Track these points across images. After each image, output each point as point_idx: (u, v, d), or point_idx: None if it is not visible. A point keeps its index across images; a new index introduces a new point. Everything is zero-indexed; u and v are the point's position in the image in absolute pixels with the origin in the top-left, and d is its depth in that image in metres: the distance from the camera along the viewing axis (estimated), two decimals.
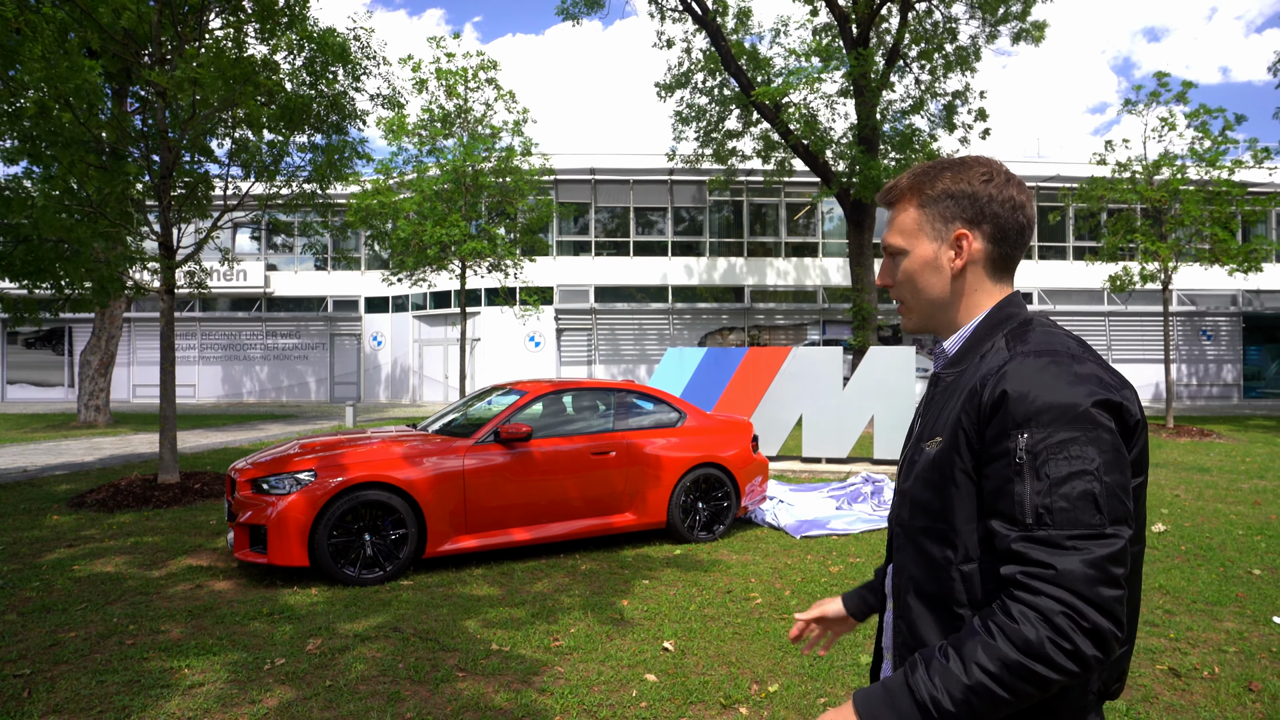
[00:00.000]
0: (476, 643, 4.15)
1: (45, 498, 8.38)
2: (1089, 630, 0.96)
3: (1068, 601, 0.97)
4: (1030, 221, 1.27)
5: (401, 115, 16.88)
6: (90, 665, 3.82)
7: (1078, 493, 1.00)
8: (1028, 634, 0.97)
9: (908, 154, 15.65)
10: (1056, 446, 1.03)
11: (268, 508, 5.16)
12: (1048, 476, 1.02)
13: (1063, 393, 1.05)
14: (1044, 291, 24.07)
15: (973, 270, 1.26)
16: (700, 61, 17.64)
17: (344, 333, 27.95)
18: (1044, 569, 0.99)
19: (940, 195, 1.27)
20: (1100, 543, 0.99)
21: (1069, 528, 1.00)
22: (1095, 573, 0.97)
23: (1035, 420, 1.05)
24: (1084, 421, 1.03)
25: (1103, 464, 1.02)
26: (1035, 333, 1.18)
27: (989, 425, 1.10)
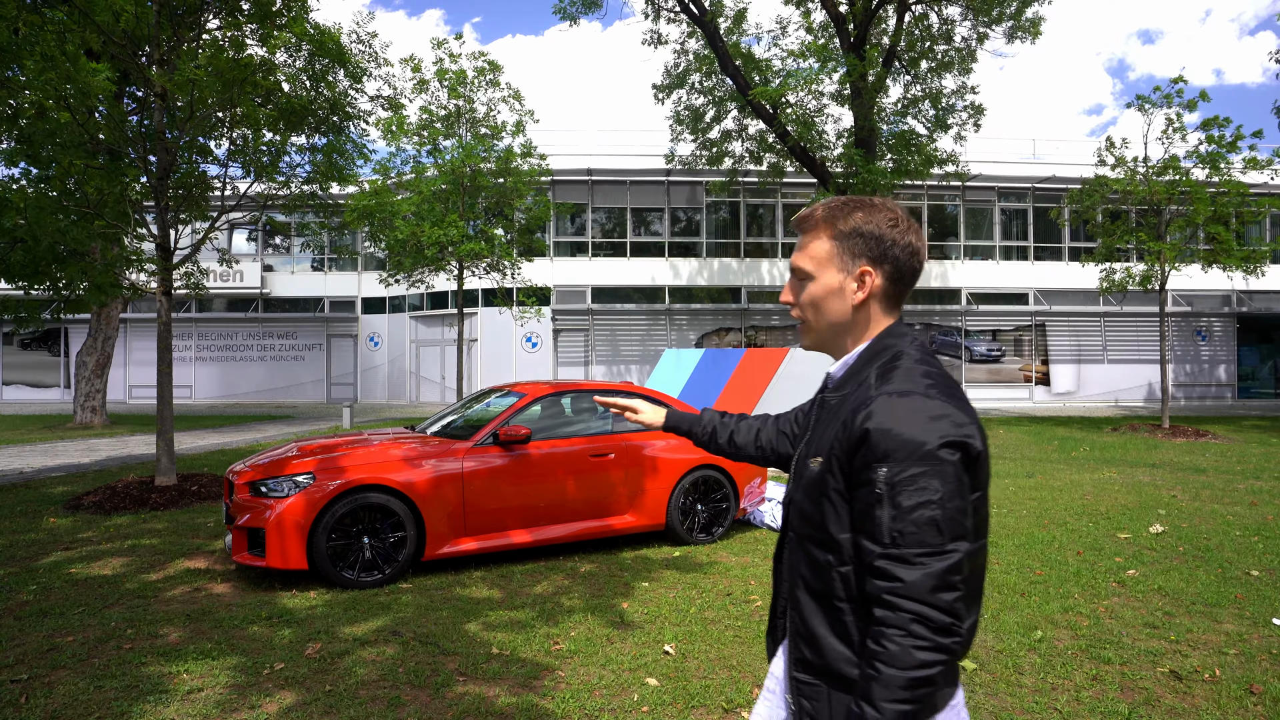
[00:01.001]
0: (477, 646, 4.14)
1: (41, 500, 8.35)
2: (937, 628, 1.19)
3: (916, 610, 1.19)
4: (922, 265, 1.46)
5: (401, 116, 16.87)
6: (88, 670, 3.81)
7: (924, 519, 1.21)
8: (898, 653, 1.20)
9: (905, 155, 15.67)
10: (908, 480, 1.23)
11: (266, 510, 5.15)
12: (900, 505, 1.22)
13: (916, 432, 1.24)
14: (1040, 292, 24.13)
15: (872, 303, 1.44)
16: (696, 62, 17.64)
17: (341, 333, 27.91)
18: (897, 583, 1.21)
19: (851, 232, 1.43)
20: (940, 558, 1.21)
21: (916, 547, 1.21)
22: (935, 582, 1.20)
23: (892, 456, 1.24)
24: (931, 458, 1.23)
25: (945, 494, 1.22)
26: (899, 371, 1.35)
27: (856, 456, 1.29)
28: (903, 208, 1.46)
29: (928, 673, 1.19)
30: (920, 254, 1.44)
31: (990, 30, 17.08)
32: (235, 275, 26.39)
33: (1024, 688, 3.67)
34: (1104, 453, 12.75)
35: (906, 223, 1.43)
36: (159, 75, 7.55)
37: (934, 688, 1.21)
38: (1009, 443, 14.27)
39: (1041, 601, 4.93)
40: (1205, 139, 15.15)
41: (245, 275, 26.53)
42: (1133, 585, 5.29)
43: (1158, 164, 15.61)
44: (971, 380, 24.15)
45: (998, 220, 24.59)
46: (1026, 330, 24.31)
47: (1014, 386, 24.26)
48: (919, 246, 1.43)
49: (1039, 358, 24.33)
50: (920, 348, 1.42)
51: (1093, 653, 4.06)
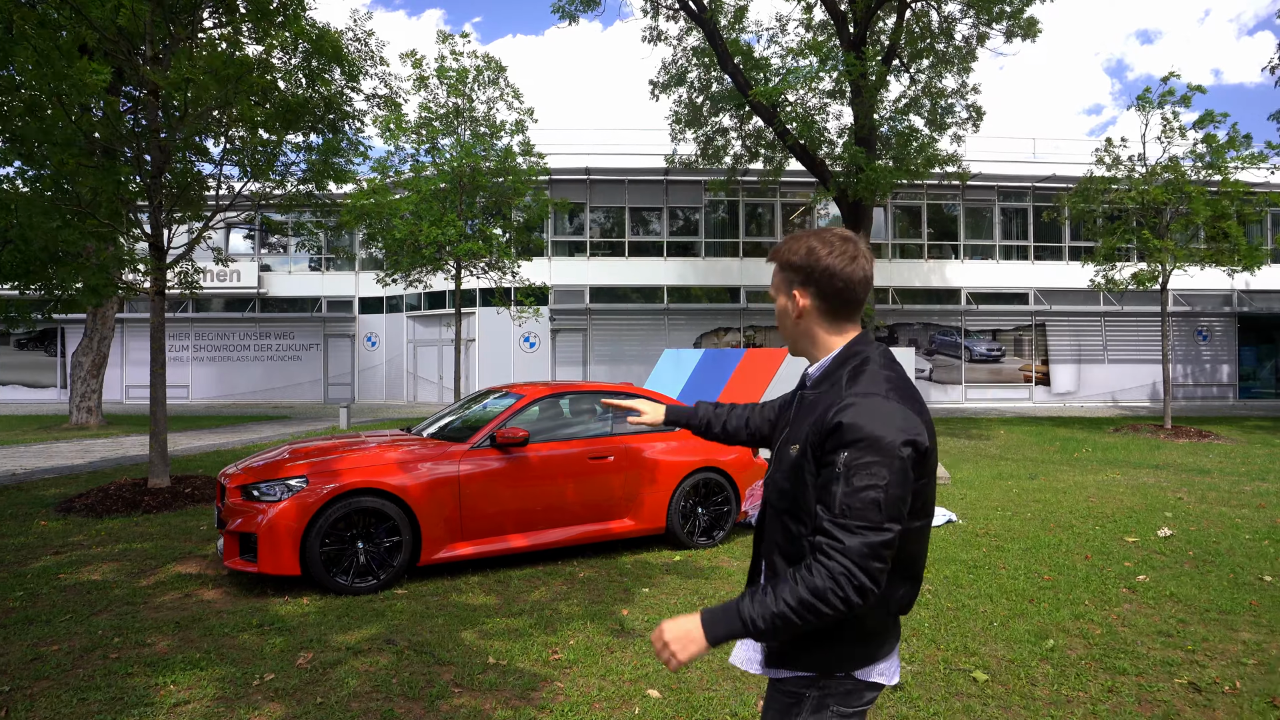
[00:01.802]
0: (473, 655, 4.03)
1: (33, 502, 8.22)
2: (856, 588, 1.44)
3: (847, 567, 1.44)
4: (850, 282, 1.67)
5: (399, 115, 16.73)
6: (72, 681, 3.69)
7: (869, 499, 1.46)
8: (817, 583, 1.45)
9: (905, 153, 15.56)
10: (863, 465, 1.48)
11: (258, 515, 5.03)
12: (851, 484, 1.48)
13: (876, 428, 1.50)
14: (1040, 292, 24.03)
15: (807, 318, 1.72)
16: (694, 59, 17.52)
17: (338, 333, 27.76)
18: (837, 543, 1.46)
19: (784, 264, 1.74)
20: (876, 533, 1.46)
21: (859, 519, 1.46)
22: (869, 551, 1.45)
23: (853, 445, 1.50)
24: (884, 450, 1.49)
25: (890, 481, 1.48)
26: (865, 374, 1.61)
27: (826, 442, 1.55)
28: (839, 236, 1.69)
29: (827, 610, 1.44)
30: (842, 274, 1.66)
31: (990, 29, 16.97)
32: (232, 275, 26.25)
33: (1038, 700, 3.56)
34: (1107, 454, 12.65)
35: (831, 249, 1.67)
36: (151, 72, 7.42)
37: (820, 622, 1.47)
38: (1010, 443, 14.17)
39: (1051, 608, 4.83)
40: (1203, 138, 15.06)
41: (242, 275, 26.38)
42: (1144, 591, 5.18)
43: (1156, 164, 15.53)
44: (972, 380, 24.05)
45: (998, 220, 24.49)
46: (1027, 330, 24.21)
47: (1014, 387, 24.17)
48: (841, 269, 1.66)
49: (1039, 358, 24.24)
50: (883, 355, 1.67)
51: (1107, 663, 3.95)
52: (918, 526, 1.61)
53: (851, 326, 1.72)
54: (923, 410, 1.59)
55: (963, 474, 10.58)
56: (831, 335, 1.71)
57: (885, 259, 23.95)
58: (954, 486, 9.53)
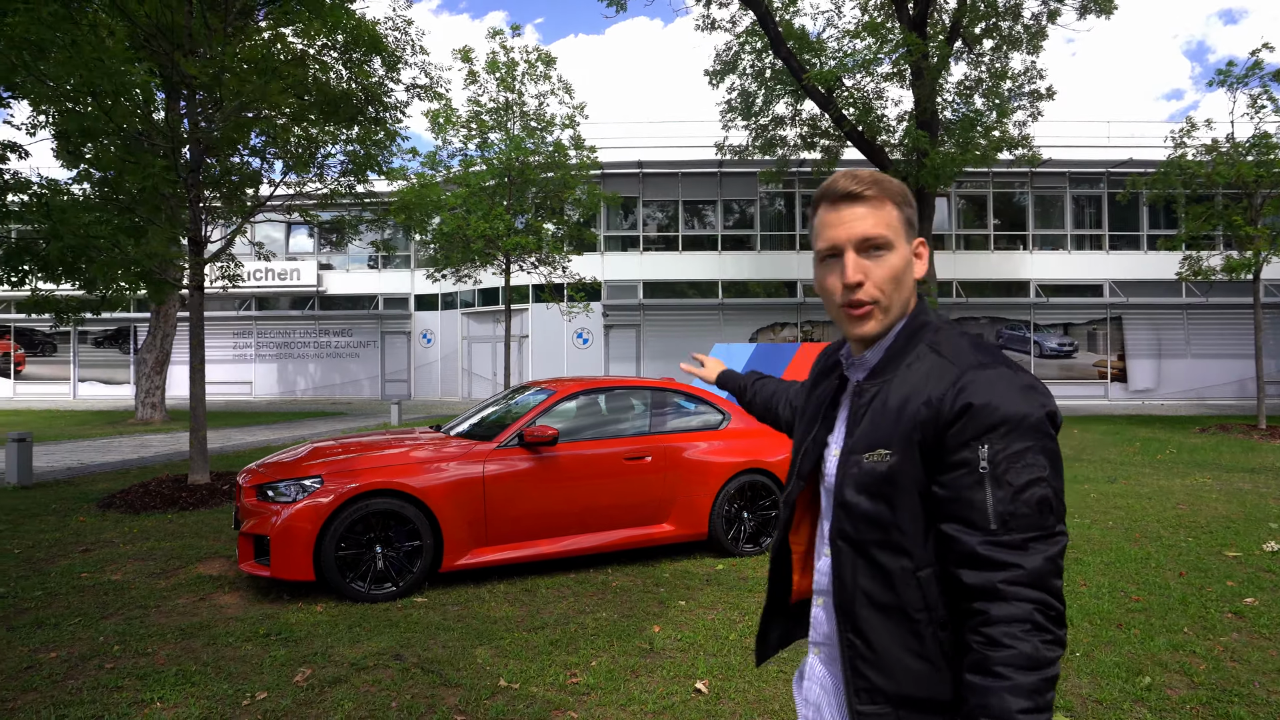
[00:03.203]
0: (483, 677, 3.67)
1: (79, 497, 8.27)
2: (1055, 617, 1.09)
3: (1037, 599, 1.08)
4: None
5: (449, 109, 16.65)
6: (59, 694, 3.47)
7: (1036, 499, 1.11)
8: (1025, 650, 1.06)
9: (969, 138, 14.69)
10: (1016, 455, 1.12)
11: (272, 516, 4.79)
12: (1009, 484, 1.11)
13: (1016, 405, 1.13)
14: (1115, 283, 22.58)
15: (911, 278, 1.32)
16: (747, 45, 16.95)
17: (394, 330, 28.07)
18: (1014, 569, 1.09)
19: (904, 203, 1.31)
20: (1052, 541, 1.11)
21: (1030, 531, 1.10)
22: (1052, 567, 1.10)
23: (995, 430, 1.13)
24: (1036, 432, 1.13)
25: (1051, 471, 1.13)
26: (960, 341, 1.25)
27: (947, 436, 1.16)
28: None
29: (1052, 671, 1.07)
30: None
31: (1062, 3, 15.92)
32: (292, 274, 26.75)
33: None
34: (1194, 455, 11.65)
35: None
36: (185, 63, 7.32)
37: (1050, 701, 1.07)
38: (1085, 444, 13.22)
39: (1144, 636, 4.21)
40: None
41: (302, 274, 26.85)
42: (1254, 617, 4.51)
43: (1243, 142, 14.29)
44: (1041, 376, 22.74)
45: (1069, 208, 23.14)
46: (1101, 324, 22.81)
47: (1088, 383, 22.80)
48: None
49: (1115, 353, 22.82)
50: (952, 323, 1.32)
51: (1218, 708, 3.35)
52: None
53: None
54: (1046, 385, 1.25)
55: None
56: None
57: (949, 250, 22.89)
58: None
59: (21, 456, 8.79)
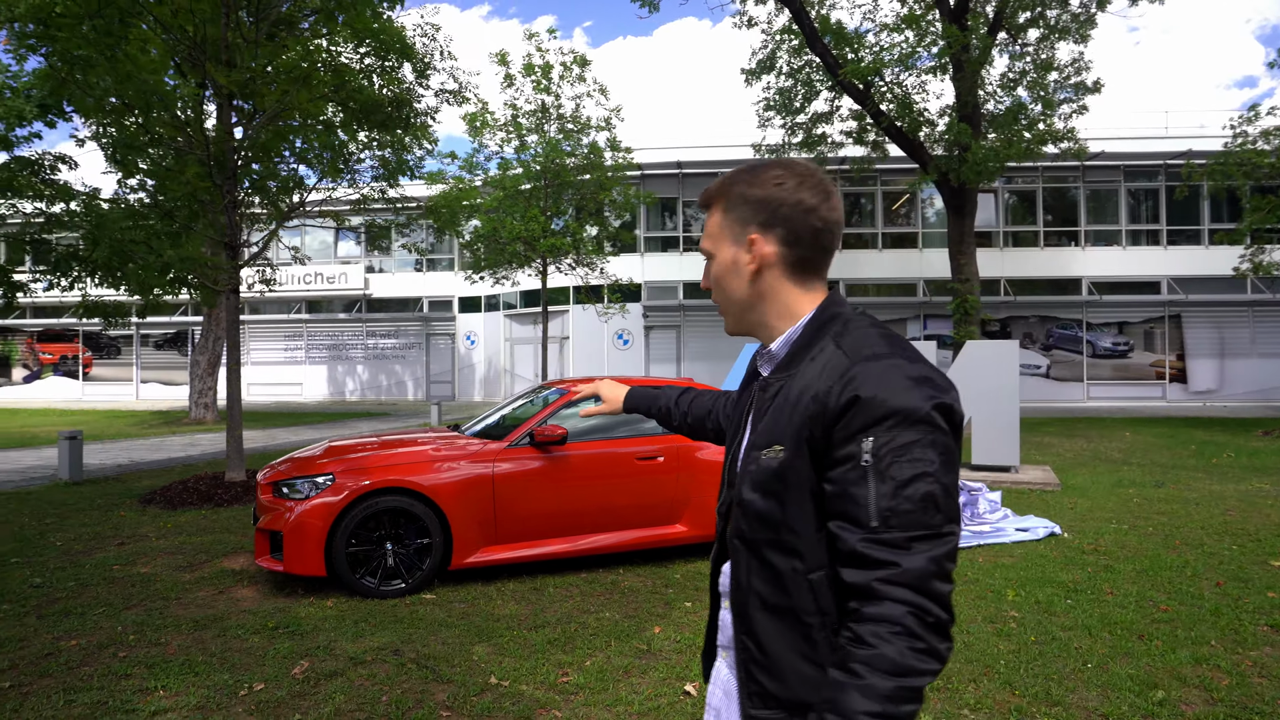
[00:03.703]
0: (476, 674, 3.69)
1: (124, 493, 8.61)
2: (933, 625, 1.01)
3: (912, 601, 1.01)
4: (827, 224, 1.26)
5: (486, 111, 16.89)
6: (71, 680, 3.61)
7: (920, 494, 1.05)
8: (889, 654, 1.00)
9: (1013, 132, 14.25)
10: (901, 449, 1.06)
11: (285, 512, 4.91)
12: (892, 478, 1.06)
13: (904, 397, 1.08)
14: (1174, 280, 21.65)
15: (769, 273, 1.28)
16: (783, 42, 16.76)
17: (439, 332, 28.56)
18: (890, 568, 1.03)
19: (737, 200, 1.29)
20: (938, 542, 1.04)
21: (912, 528, 1.04)
22: (935, 569, 1.03)
23: (881, 423, 1.08)
24: (925, 424, 1.07)
25: (940, 466, 1.07)
26: (859, 335, 1.20)
27: (834, 429, 1.11)
28: (808, 166, 1.27)
29: (917, 683, 1.01)
30: (820, 211, 1.24)
31: None
32: (340, 277, 27.43)
33: None
34: (1253, 460, 11.09)
35: (799, 178, 1.25)
36: (218, 73, 7.56)
37: (917, 706, 1.02)
38: (1136, 446, 12.71)
39: (1166, 648, 4.01)
40: None
41: (349, 277, 27.51)
42: None
43: None
44: (1095, 377, 22.00)
45: (1124, 202, 22.28)
46: (1158, 322, 21.91)
47: (1144, 384, 21.92)
48: (814, 203, 1.24)
49: (1174, 352, 21.88)
50: (865, 315, 1.27)
51: None
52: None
53: (822, 285, 1.31)
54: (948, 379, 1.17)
55: (1076, 480, 9.47)
56: (801, 295, 1.28)
57: (996, 248, 22.27)
58: (1063, 494, 8.51)
59: (73, 453, 9.20)
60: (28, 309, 27.85)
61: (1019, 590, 5.03)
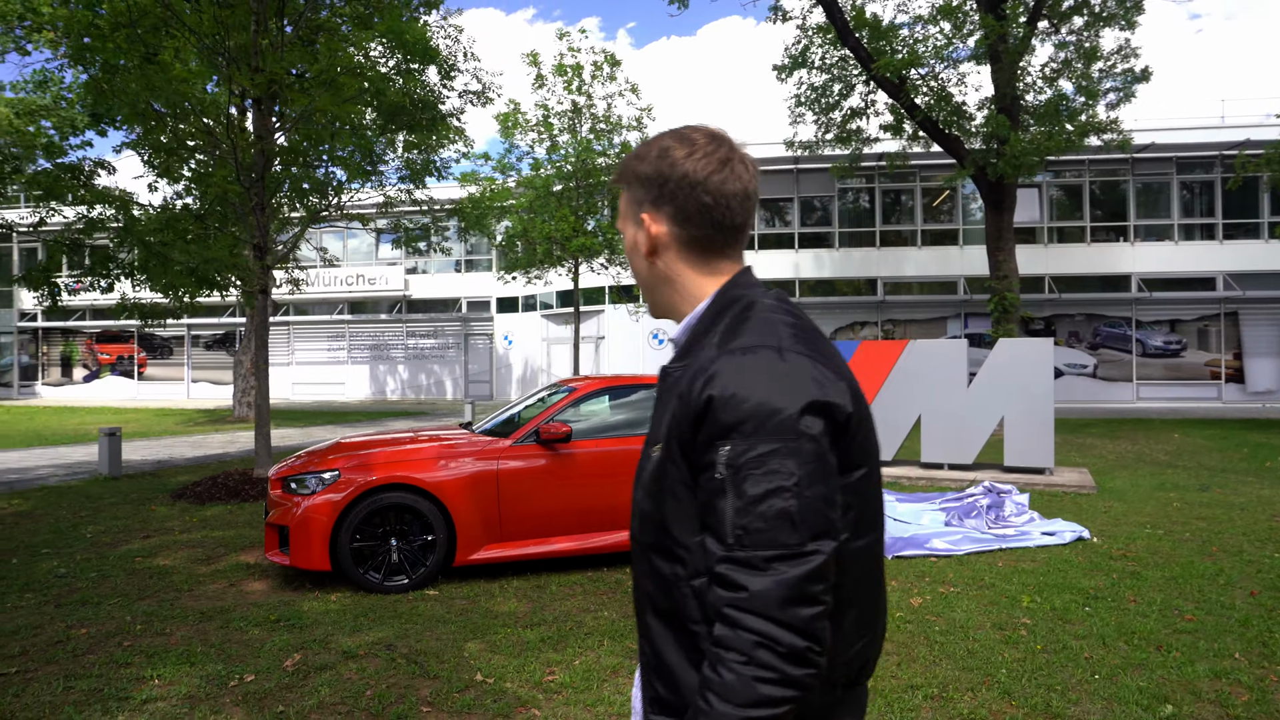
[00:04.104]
0: (463, 670, 3.69)
1: (158, 488, 8.88)
2: (786, 653, 0.94)
3: (762, 630, 0.94)
4: (719, 197, 1.15)
5: (518, 112, 17.03)
6: (74, 668, 3.71)
7: (775, 511, 0.97)
8: (736, 686, 0.94)
9: (1054, 125, 13.79)
10: (756, 461, 0.98)
11: (293, 508, 4.99)
12: (745, 494, 0.98)
13: (765, 397, 1.00)
14: (1230, 276, 20.70)
15: (665, 254, 1.21)
16: (816, 36, 16.52)
17: (477, 333, 28.89)
18: (739, 592, 0.96)
19: (630, 177, 1.23)
20: (796, 562, 0.96)
21: (765, 548, 0.96)
22: (788, 593, 0.95)
23: (737, 430, 0.99)
24: (785, 431, 0.99)
25: (802, 478, 0.98)
26: (751, 322, 1.11)
27: (699, 432, 1.03)
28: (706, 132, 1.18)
29: (770, 712, 0.94)
30: (709, 184, 1.14)
31: None
32: (381, 279, 27.95)
33: None
34: None
35: (692, 149, 1.15)
36: (240, 77, 7.73)
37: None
38: (1184, 449, 12.19)
39: (1184, 660, 3.81)
40: None
41: (390, 279, 28.01)
42: None
43: None
44: (1145, 377, 21.19)
45: (1176, 195, 21.42)
46: (1213, 320, 20.99)
47: (1197, 384, 21.02)
48: (705, 176, 1.14)
49: (1230, 351, 20.94)
50: (777, 296, 1.17)
51: None
52: (862, 548, 1.10)
53: (729, 264, 1.20)
54: (839, 365, 1.10)
55: (1115, 482, 9.12)
56: (702, 277, 1.19)
57: (1040, 244, 21.62)
58: (1099, 496, 8.20)
59: (112, 449, 9.52)
60: (87, 311, 28.97)
61: (1035, 596, 4.84)
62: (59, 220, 8.93)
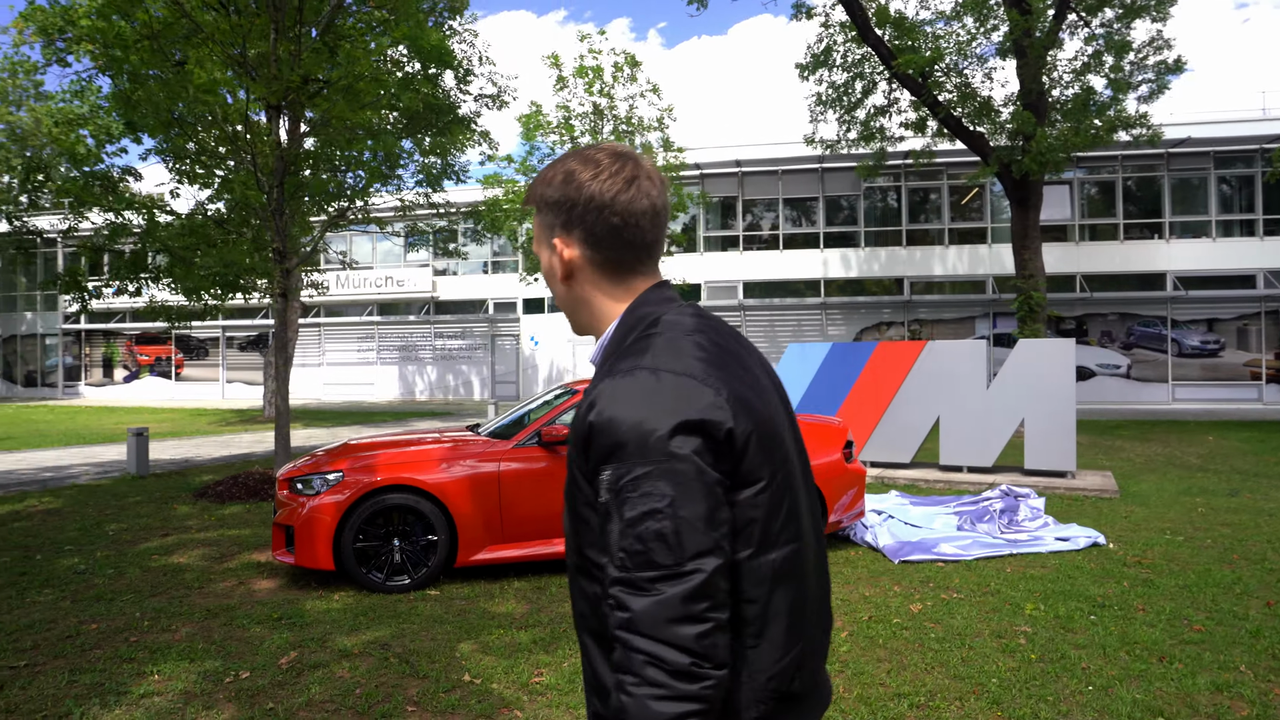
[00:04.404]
0: (453, 670, 3.73)
1: (182, 487, 9.10)
2: (674, 673, 0.95)
3: (649, 650, 0.96)
4: (628, 217, 1.16)
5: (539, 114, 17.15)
6: (80, 662, 3.83)
7: (650, 533, 0.98)
8: (632, 707, 0.96)
9: (1082, 120, 13.51)
10: (631, 484, 1.00)
11: (298, 508, 5.09)
12: (624, 517, 1.00)
13: (638, 419, 1.01)
14: (1271, 274, 20.05)
15: (579, 276, 1.21)
16: (839, 34, 16.37)
17: (504, 334, 29.12)
18: (625, 613, 0.98)
19: (540, 202, 1.23)
20: (675, 582, 0.97)
21: (644, 570, 0.98)
22: (669, 614, 0.96)
23: (615, 454, 1.02)
24: (657, 453, 1.00)
25: (676, 498, 0.99)
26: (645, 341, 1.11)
27: (588, 459, 1.07)
28: (610, 150, 1.19)
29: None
30: (616, 204, 1.15)
31: None
32: (410, 280, 28.32)
33: None
34: None
35: (597, 170, 1.16)
36: (255, 86, 7.90)
37: None
38: (1217, 452, 11.86)
39: (1186, 672, 3.72)
40: None
41: (418, 281, 28.36)
42: None
43: None
44: (1181, 377, 20.64)
45: (1214, 190, 20.82)
46: (1253, 319, 20.38)
47: (1236, 385, 20.42)
48: (612, 197, 1.14)
49: (1270, 350, 20.31)
50: (691, 310, 1.18)
51: None
52: (777, 560, 1.08)
53: (643, 280, 1.21)
54: (736, 376, 1.10)
55: (1139, 487, 8.91)
56: (615, 298, 1.20)
57: (1072, 242, 21.19)
58: (1120, 501, 8.02)
59: (139, 449, 9.79)
60: (127, 314, 29.78)
61: (1039, 604, 4.76)
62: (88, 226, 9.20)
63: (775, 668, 1.09)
